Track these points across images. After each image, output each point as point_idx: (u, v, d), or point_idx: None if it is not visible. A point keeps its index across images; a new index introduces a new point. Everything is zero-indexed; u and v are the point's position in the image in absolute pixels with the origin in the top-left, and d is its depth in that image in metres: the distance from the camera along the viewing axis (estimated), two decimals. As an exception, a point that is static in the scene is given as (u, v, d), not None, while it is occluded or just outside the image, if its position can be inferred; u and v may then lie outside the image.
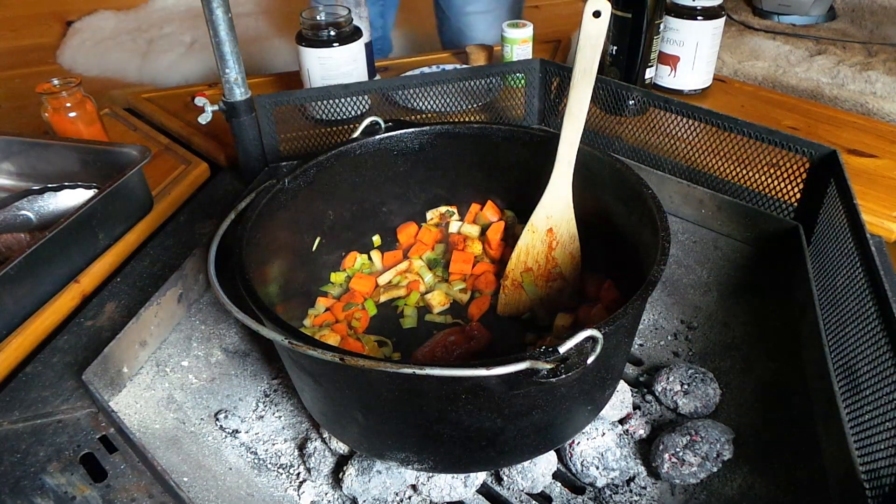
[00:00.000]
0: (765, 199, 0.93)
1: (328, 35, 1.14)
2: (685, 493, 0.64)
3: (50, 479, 0.63)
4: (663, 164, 1.02)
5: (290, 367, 0.64)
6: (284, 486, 0.66)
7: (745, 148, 0.93)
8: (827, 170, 0.83)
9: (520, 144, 0.80)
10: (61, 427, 0.68)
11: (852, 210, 0.72)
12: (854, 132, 1.16)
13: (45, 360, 0.76)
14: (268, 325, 0.54)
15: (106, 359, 0.69)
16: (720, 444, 0.64)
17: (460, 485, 0.63)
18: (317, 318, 0.77)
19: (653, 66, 1.22)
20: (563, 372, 0.46)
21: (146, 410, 0.71)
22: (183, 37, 2.45)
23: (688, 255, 0.92)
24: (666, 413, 0.71)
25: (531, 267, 0.76)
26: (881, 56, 1.47)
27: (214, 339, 0.81)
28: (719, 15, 1.21)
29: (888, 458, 0.54)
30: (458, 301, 0.81)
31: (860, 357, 0.63)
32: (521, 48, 1.31)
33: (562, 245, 0.75)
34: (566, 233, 0.75)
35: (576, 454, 0.64)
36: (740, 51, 1.54)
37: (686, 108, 0.97)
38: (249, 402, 0.74)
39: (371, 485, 0.62)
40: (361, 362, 0.47)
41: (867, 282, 0.64)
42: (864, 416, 0.59)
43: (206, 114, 1.00)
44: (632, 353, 0.79)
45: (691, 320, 0.83)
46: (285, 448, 0.69)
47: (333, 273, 0.82)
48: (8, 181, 1.05)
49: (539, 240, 0.75)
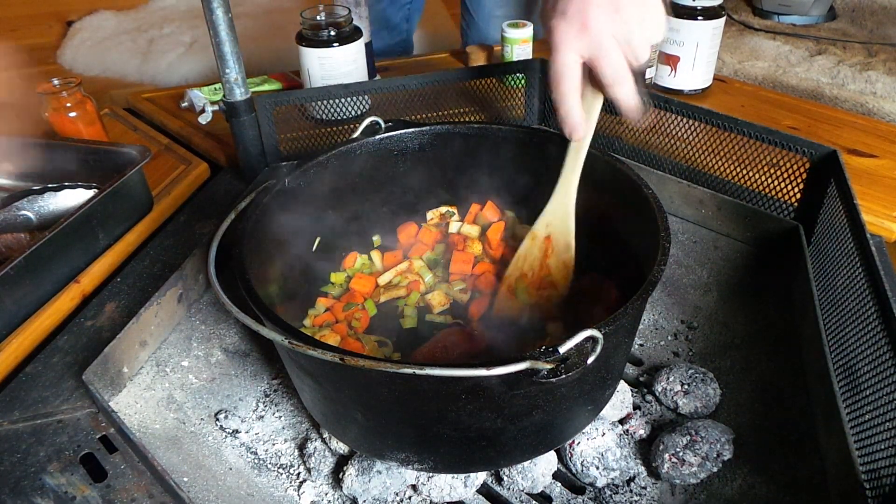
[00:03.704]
0: (765, 199, 0.93)
1: (328, 35, 1.14)
2: (685, 493, 0.64)
3: (50, 480, 0.63)
4: (663, 164, 1.02)
5: (290, 368, 0.64)
6: (284, 486, 0.66)
7: (745, 148, 0.93)
8: (827, 170, 0.83)
9: (520, 144, 0.80)
10: (61, 427, 0.68)
11: (852, 210, 0.72)
12: (854, 132, 1.16)
13: (46, 360, 0.76)
14: (268, 325, 0.54)
15: (106, 359, 0.69)
16: (720, 444, 0.64)
17: (460, 485, 0.63)
18: (317, 318, 0.77)
19: (653, 66, 1.22)
20: (563, 372, 0.46)
21: (146, 410, 0.71)
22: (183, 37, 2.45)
23: (688, 255, 0.92)
24: (666, 413, 0.71)
25: (526, 273, 0.76)
26: (881, 56, 1.47)
27: (214, 339, 0.81)
28: (719, 15, 1.21)
29: (888, 458, 0.54)
30: (458, 301, 0.81)
31: (860, 357, 0.63)
32: (521, 48, 1.31)
33: (556, 254, 0.75)
34: (563, 243, 0.75)
35: (576, 454, 0.64)
36: (740, 51, 1.54)
37: (686, 108, 0.97)
38: (249, 402, 0.74)
39: (371, 485, 0.62)
40: (361, 362, 0.47)
41: (867, 282, 0.64)
42: (865, 416, 0.59)
43: (206, 114, 0.99)
44: (632, 353, 0.79)
45: (691, 320, 0.83)
46: (285, 448, 0.69)
47: (333, 273, 0.82)
48: (8, 181, 1.05)
49: (536, 247, 0.75)
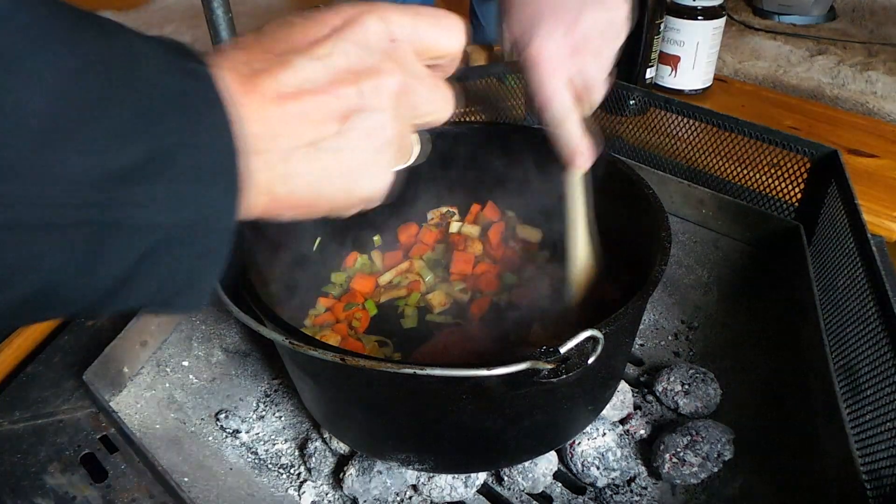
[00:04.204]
0: (765, 199, 0.93)
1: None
2: (686, 493, 0.64)
3: (50, 480, 0.63)
4: (664, 164, 1.02)
5: (290, 368, 0.64)
6: (285, 486, 0.66)
7: (745, 148, 0.93)
8: (828, 170, 0.83)
9: (520, 144, 0.80)
10: (62, 427, 0.68)
11: (853, 210, 0.72)
12: (855, 132, 1.16)
13: (46, 360, 0.76)
14: (268, 325, 0.54)
15: (106, 359, 0.69)
16: (721, 445, 0.64)
17: (461, 485, 0.63)
18: (317, 318, 0.77)
19: (653, 66, 1.22)
20: (563, 372, 0.46)
21: (147, 410, 0.71)
22: (183, 37, 2.45)
23: (688, 255, 0.92)
24: (666, 413, 0.71)
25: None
26: (881, 56, 1.47)
27: (215, 338, 0.81)
28: (720, 15, 1.21)
29: (889, 458, 0.54)
30: (459, 301, 0.81)
31: (861, 357, 0.63)
32: (521, 48, 1.30)
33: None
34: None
35: (576, 454, 0.64)
36: (741, 51, 1.54)
37: (687, 108, 0.97)
38: (250, 402, 0.74)
39: (372, 485, 0.62)
40: (362, 362, 0.47)
41: (868, 282, 0.64)
42: (865, 416, 0.59)
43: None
44: (632, 353, 0.79)
45: (692, 320, 0.83)
46: (286, 448, 0.69)
47: (334, 273, 0.82)
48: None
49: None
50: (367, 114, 0.35)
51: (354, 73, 0.35)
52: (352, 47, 0.35)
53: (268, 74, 0.33)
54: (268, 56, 0.34)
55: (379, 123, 0.36)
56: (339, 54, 0.35)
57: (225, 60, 0.33)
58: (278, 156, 0.33)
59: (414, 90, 0.37)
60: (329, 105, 0.34)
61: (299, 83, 0.33)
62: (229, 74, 0.32)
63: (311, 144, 0.34)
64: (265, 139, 0.32)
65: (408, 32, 0.37)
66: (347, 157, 0.35)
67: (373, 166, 0.37)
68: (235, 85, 0.32)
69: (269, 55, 0.34)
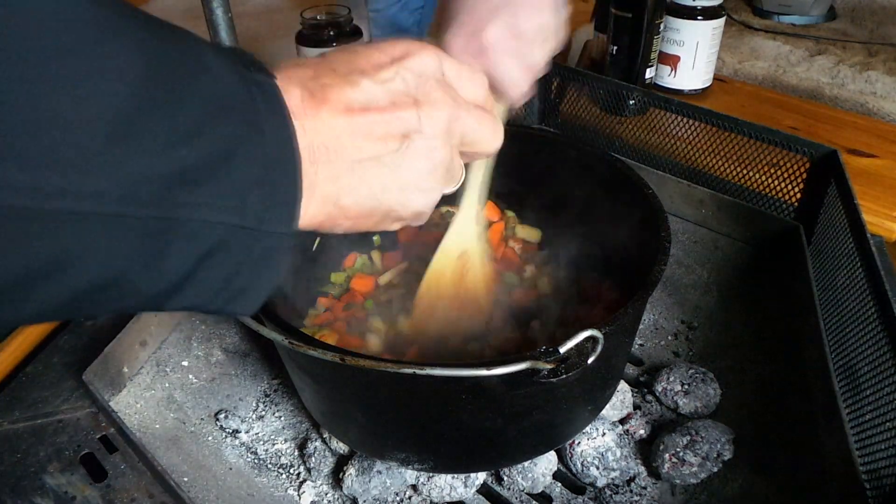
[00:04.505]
0: (765, 199, 0.93)
1: (328, 35, 1.14)
2: (685, 493, 0.64)
3: (50, 480, 0.63)
4: (663, 164, 1.02)
5: (290, 367, 0.64)
6: (285, 486, 0.66)
7: (745, 148, 0.93)
8: (827, 170, 0.83)
9: (520, 144, 0.80)
10: (61, 427, 0.68)
11: (853, 210, 0.72)
12: (854, 132, 1.16)
13: (46, 360, 0.76)
14: (268, 325, 0.54)
15: (106, 359, 0.69)
16: (720, 444, 0.64)
17: (460, 485, 0.63)
18: (317, 318, 0.77)
19: (653, 66, 1.22)
20: (563, 372, 0.46)
21: (146, 410, 0.71)
22: (183, 37, 2.45)
23: (688, 255, 0.92)
24: (666, 413, 0.71)
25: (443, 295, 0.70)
26: (881, 56, 1.47)
27: (214, 338, 0.81)
28: (719, 15, 1.21)
29: (889, 458, 0.54)
30: (459, 301, 0.81)
31: (860, 357, 0.63)
32: (521, 48, 1.30)
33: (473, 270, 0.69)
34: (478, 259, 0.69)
35: (576, 454, 0.64)
36: (740, 51, 1.54)
37: (686, 107, 0.97)
38: (249, 401, 0.74)
39: (371, 485, 0.62)
40: (362, 362, 0.47)
41: (868, 282, 0.64)
42: (865, 415, 0.59)
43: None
44: (632, 353, 0.79)
45: (692, 320, 0.83)
46: (285, 448, 0.69)
47: (333, 273, 0.82)
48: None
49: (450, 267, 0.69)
50: (423, 136, 0.38)
51: (413, 99, 0.38)
52: (410, 75, 0.38)
53: (337, 89, 0.35)
54: (335, 75, 0.36)
55: (433, 146, 0.39)
56: (400, 80, 0.38)
57: (291, 75, 0.35)
58: (345, 166, 0.36)
59: (463, 120, 0.40)
60: (391, 124, 0.37)
61: (366, 101, 0.36)
62: (297, 88, 0.34)
63: (375, 158, 0.37)
64: (333, 150, 0.35)
65: (453, 75, 0.41)
66: (405, 173, 0.38)
67: (425, 184, 0.40)
68: (305, 97, 0.34)
69: (336, 74, 0.36)
